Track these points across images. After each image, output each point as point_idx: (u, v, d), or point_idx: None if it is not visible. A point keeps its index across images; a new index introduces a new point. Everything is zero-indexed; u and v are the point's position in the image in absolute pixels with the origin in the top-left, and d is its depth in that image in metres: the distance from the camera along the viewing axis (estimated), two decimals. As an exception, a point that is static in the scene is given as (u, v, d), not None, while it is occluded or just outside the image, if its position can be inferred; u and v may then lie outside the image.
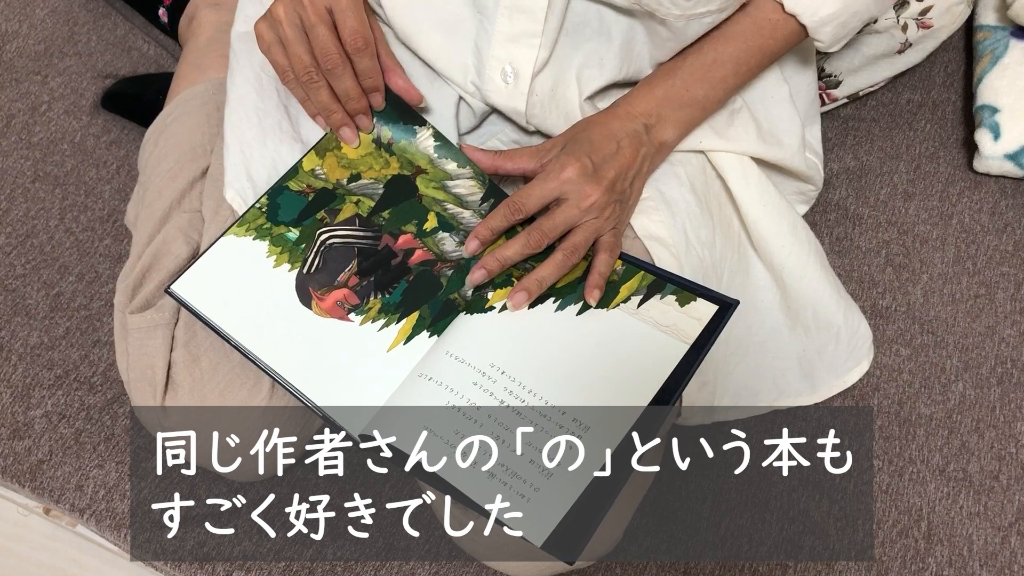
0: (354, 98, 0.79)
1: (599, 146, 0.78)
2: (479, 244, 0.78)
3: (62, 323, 1.08)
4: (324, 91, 0.79)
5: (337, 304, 0.77)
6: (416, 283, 0.79)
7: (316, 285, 0.78)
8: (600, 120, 0.81)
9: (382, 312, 0.77)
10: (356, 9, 0.77)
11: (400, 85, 0.81)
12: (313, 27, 0.76)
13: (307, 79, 0.78)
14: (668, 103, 0.81)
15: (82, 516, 0.97)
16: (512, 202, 0.77)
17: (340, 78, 0.78)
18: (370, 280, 0.78)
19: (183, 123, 0.92)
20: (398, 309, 0.78)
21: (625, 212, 0.80)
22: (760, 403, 0.97)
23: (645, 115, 0.81)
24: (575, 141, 0.79)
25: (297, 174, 0.81)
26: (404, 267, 0.79)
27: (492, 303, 0.77)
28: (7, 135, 1.22)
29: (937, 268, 1.10)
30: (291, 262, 0.78)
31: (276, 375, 0.74)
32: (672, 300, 0.77)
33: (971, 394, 1.02)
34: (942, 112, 1.22)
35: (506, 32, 0.79)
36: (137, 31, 1.31)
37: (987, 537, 0.95)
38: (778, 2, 0.77)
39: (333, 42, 0.76)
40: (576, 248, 0.77)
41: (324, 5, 0.76)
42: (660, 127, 0.82)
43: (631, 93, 0.83)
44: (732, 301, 0.76)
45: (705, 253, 0.84)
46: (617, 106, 0.82)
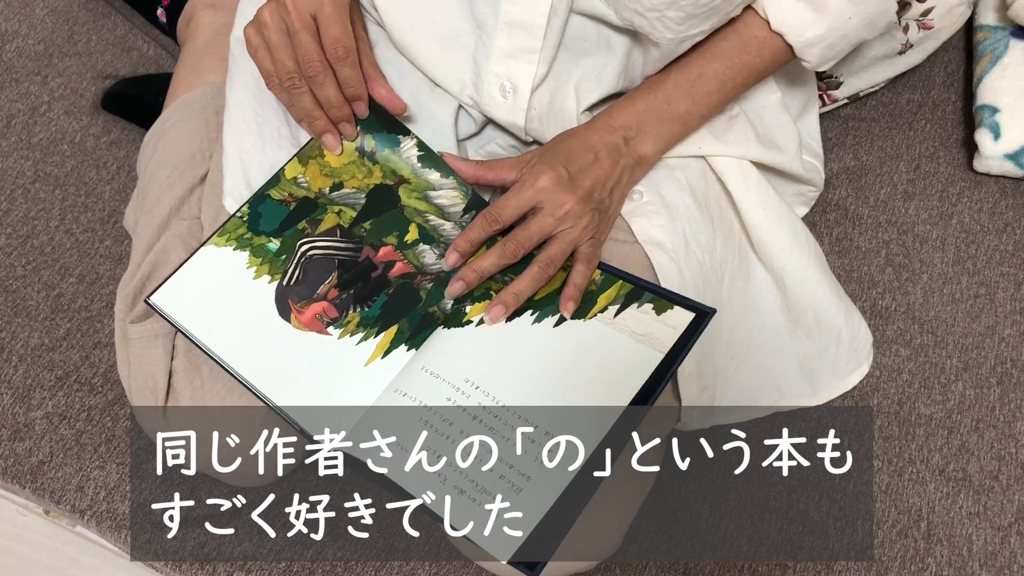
0: (336, 106, 0.79)
1: (576, 156, 0.78)
2: (459, 256, 0.78)
3: (63, 324, 1.08)
4: (307, 97, 0.78)
5: (316, 317, 0.77)
6: (395, 297, 0.78)
7: (296, 297, 0.77)
8: (579, 132, 0.81)
9: (360, 326, 0.77)
10: (339, 18, 0.76)
11: (383, 95, 0.81)
12: (296, 33, 0.76)
13: (290, 84, 0.78)
14: (649, 117, 0.81)
15: (83, 517, 0.97)
16: (488, 213, 0.77)
17: (322, 86, 0.77)
18: (349, 293, 0.78)
19: (182, 128, 0.92)
20: (376, 323, 0.77)
21: (604, 223, 0.80)
22: (761, 405, 0.98)
23: (624, 128, 0.81)
24: (552, 151, 0.79)
25: (279, 182, 0.80)
26: (384, 280, 0.79)
27: (470, 317, 0.77)
28: (7, 135, 1.22)
29: (937, 268, 1.10)
30: (271, 273, 0.78)
31: (253, 388, 0.74)
32: (649, 308, 0.77)
33: (971, 394, 1.03)
34: (942, 112, 1.22)
35: (505, 48, 0.79)
36: (137, 31, 1.31)
37: (987, 537, 0.95)
38: (765, 20, 0.77)
39: (315, 49, 0.76)
40: (552, 260, 0.77)
41: (308, 11, 0.75)
42: (639, 140, 0.81)
43: (612, 106, 0.83)
44: (708, 309, 0.76)
45: (705, 257, 0.84)
46: (597, 119, 0.82)
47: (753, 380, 0.95)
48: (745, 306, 0.90)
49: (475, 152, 0.90)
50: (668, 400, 0.86)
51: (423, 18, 0.82)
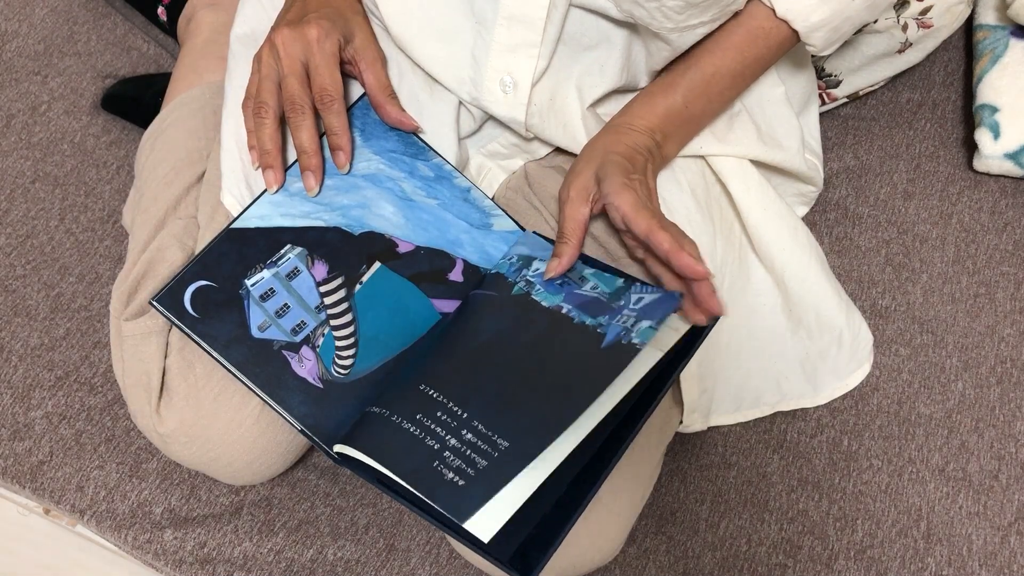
0: (308, 153, 0.79)
1: (630, 163, 0.79)
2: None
3: (62, 324, 1.08)
4: (267, 131, 0.79)
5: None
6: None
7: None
8: (613, 140, 0.81)
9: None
10: (328, 66, 0.78)
11: (394, 117, 0.82)
12: (285, 78, 0.78)
13: (256, 110, 0.79)
14: (671, 121, 0.82)
15: (82, 517, 0.97)
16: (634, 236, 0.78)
17: (298, 128, 0.78)
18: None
19: (179, 128, 0.92)
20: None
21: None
22: (763, 406, 0.98)
23: (651, 131, 0.81)
24: (610, 165, 0.78)
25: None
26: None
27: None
28: (7, 135, 1.22)
29: (937, 267, 1.10)
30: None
31: (257, 392, 0.74)
32: None
33: (971, 393, 1.03)
34: (942, 111, 1.22)
35: (504, 42, 0.79)
36: (137, 31, 1.31)
37: (986, 537, 0.95)
38: (769, 7, 0.77)
39: (300, 94, 0.78)
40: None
41: (299, 58, 0.78)
42: (666, 144, 0.83)
43: (630, 109, 0.83)
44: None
45: (706, 259, 0.83)
46: (618, 122, 0.82)
47: (754, 381, 0.95)
48: (746, 307, 0.90)
49: (476, 152, 0.90)
50: (670, 403, 0.86)
51: (422, 14, 0.82)
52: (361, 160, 0.82)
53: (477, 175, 0.90)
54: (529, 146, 0.89)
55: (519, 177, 0.90)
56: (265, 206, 0.79)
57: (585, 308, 0.76)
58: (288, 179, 0.80)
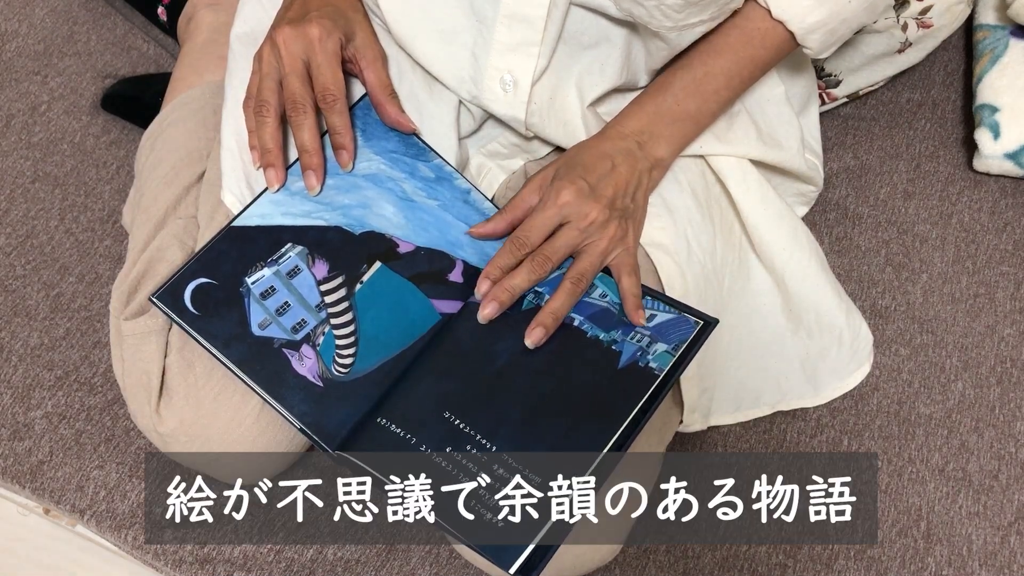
0: (309, 152, 0.79)
1: (593, 166, 0.78)
2: (490, 284, 0.76)
3: (62, 324, 1.08)
4: (268, 129, 0.79)
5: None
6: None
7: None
8: (591, 143, 0.81)
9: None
10: (330, 65, 0.78)
11: (392, 118, 0.82)
12: (286, 76, 0.78)
13: (257, 109, 0.79)
14: (659, 119, 0.81)
15: (82, 517, 0.97)
16: (516, 237, 0.77)
17: (299, 127, 0.78)
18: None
19: (179, 127, 0.92)
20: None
21: (632, 227, 0.79)
22: (763, 406, 0.98)
23: (636, 133, 0.81)
24: (568, 166, 0.79)
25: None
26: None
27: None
28: (7, 135, 1.22)
29: (937, 267, 1.10)
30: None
31: (256, 390, 0.74)
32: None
33: (971, 393, 1.03)
34: (942, 111, 1.22)
35: (505, 41, 0.79)
36: (137, 31, 1.31)
37: (986, 536, 0.95)
38: (765, 9, 0.77)
39: (301, 92, 0.78)
40: (583, 274, 0.76)
41: (300, 57, 0.78)
42: (653, 144, 0.81)
43: (621, 114, 0.83)
44: (711, 319, 0.76)
45: (707, 259, 0.84)
46: (608, 128, 0.82)
47: (754, 381, 0.95)
48: (746, 307, 0.90)
49: (476, 151, 0.90)
50: (670, 403, 0.86)
51: (422, 13, 0.82)
52: (362, 160, 0.82)
53: (477, 175, 0.90)
54: (529, 146, 0.89)
55: (519, 177, 0.91)
56: (266, 205, 0.79)
57: (596, 320, 0.75)
58: (289, 178, 0.80)
